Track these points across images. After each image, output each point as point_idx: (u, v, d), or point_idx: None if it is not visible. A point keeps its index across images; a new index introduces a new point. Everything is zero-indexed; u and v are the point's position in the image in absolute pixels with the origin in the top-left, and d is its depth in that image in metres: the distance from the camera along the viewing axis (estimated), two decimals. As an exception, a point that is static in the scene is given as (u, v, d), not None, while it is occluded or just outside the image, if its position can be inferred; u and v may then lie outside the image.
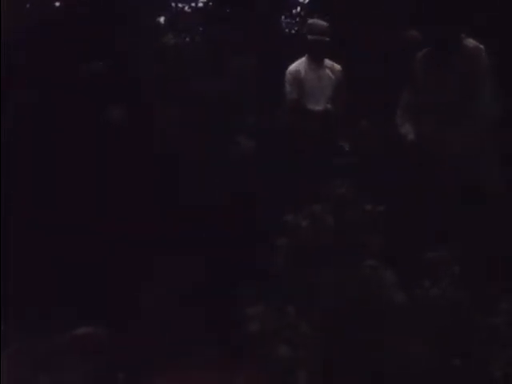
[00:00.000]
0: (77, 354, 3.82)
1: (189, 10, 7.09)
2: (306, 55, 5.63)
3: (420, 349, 2.93)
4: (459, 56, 4.17)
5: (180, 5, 7.04)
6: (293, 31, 7.50)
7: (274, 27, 7.29)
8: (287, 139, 5.36)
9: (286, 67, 5.66)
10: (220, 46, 6.17)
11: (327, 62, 5.64)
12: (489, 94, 4.10)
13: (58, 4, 6.06)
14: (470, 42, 4.22)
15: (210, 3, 7.20)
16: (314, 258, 3.13)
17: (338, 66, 5.66)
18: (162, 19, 6.61)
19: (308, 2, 7.47)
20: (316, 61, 5.61)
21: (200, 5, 7.11)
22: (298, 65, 5.64)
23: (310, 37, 5.54)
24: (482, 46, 4.20)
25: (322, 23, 5.57)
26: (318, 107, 5.50)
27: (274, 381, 3.00)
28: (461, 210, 3.95)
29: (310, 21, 5.71)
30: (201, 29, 7.02)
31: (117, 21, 5.69)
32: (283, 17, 7.53)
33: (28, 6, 6.02)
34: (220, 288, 4.54)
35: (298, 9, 7.52)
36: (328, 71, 5.61)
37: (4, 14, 5.43)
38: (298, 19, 7.46)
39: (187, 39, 6.69)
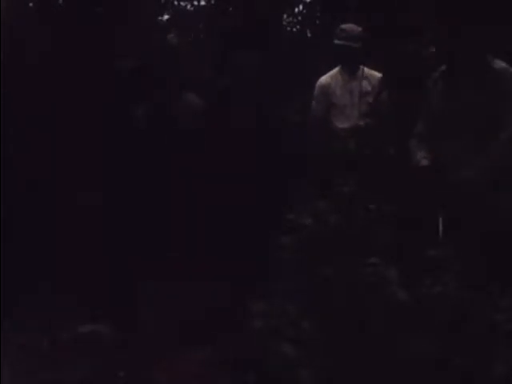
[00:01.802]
0: (80, 351, 3.83)
1: (191, 9, 7.12)
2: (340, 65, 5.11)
3: (422, 347, 2.94)
4: (484, 78, 3.87)
5: (182, 3, 7.06)
6: (294, 30, 7.49)
7: (276, 26, 7.27)
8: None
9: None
10: (222, 44, 6.18)
11: (365, 70, 5.04)
12: None
13: (60, 2, 6.08)
14: (498, 63, 3.92)
15: (212, 1, 7.21)
16: (317, 256, 3.14)
17: (377, 75, 5.08)
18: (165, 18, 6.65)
19: (310, 1, 7.47)
20: (348, 70, 5.07)
21: (202, 3, 7.13)
22: (330, 76, 5.13)
23: (336, 41, 5.01)
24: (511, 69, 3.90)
25: (354, 28, 5.01)
26: (347, 124, 4.93)
27: (276, 379, 3.01)
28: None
29: (342, 26, 5.05)
30: (202, 27, 7.05)
31: (118, 20, 5.70)
32: (285, 15, 7.52)
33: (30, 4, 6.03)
34: (221, 285, 4.55)
35: (301, 7, 7.52)
36: (365, 82, 5.00)
37: (4, 12, 5.45)
38: (300, 18, 7.46)
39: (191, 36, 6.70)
